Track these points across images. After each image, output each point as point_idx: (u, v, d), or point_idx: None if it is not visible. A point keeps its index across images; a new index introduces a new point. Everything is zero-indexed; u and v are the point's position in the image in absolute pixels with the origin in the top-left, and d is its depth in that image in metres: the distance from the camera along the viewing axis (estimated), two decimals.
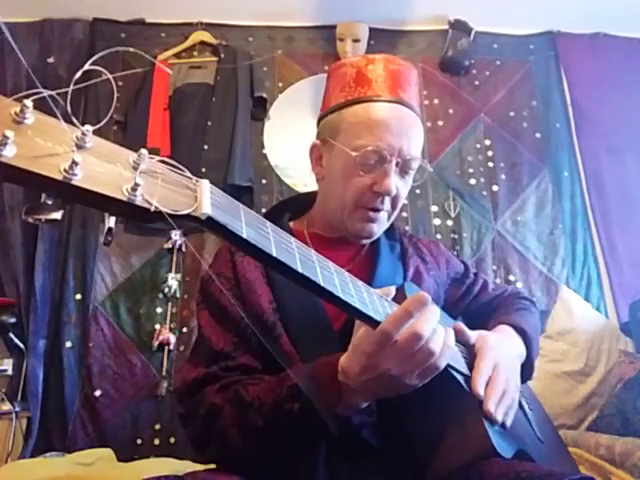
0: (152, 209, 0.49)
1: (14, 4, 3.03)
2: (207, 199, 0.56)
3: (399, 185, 1.13)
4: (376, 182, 1.10)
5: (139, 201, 0.49)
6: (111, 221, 2.65)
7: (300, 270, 0.65)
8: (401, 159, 1.10)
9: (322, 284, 0.68)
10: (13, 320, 2.53)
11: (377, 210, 1.14)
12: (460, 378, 0.94)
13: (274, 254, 0.62)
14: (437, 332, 0.78)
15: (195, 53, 3.21)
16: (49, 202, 0.43)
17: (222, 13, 3.25)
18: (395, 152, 1.09)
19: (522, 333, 1.16)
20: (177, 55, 3.17)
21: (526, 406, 1.19)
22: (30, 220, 2.54)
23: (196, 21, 3.25)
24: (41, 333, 2.58)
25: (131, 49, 0.67)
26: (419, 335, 0.75)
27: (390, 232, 1.33)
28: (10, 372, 2.51)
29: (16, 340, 2.53)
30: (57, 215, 2.52)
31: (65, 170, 0.43)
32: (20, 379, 2.51)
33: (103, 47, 3.04)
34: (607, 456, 1.91)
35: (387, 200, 1.13)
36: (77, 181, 0.44)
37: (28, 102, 0.43)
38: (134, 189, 0.48)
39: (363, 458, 0.98)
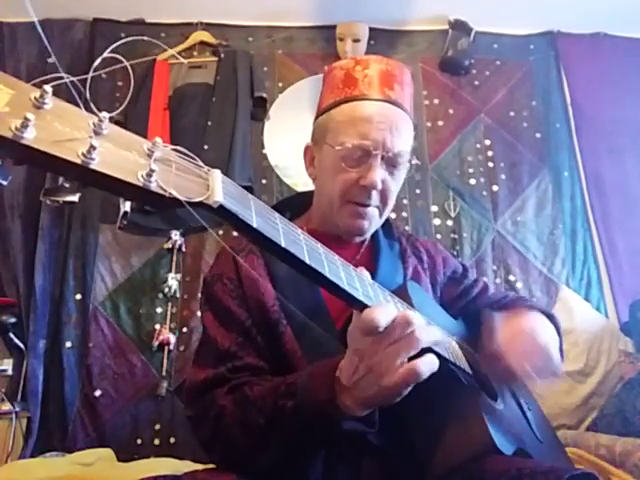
0: (167, 195, 0.50)
1: (14, 4, 3.02)
2: (219, 188, 0.57)
3: (387, 179, 1.14)
4: (362, 176, 1.11)
5: (154, 187, 0.49)
6: (126, 205, 2.64)
7: (308, 261, 0.66)
8: (386, 153, 1.11)
9: (328, 276, 0.68)
10: (13, 320, 2.53)
11: (365, 205, 1.15)
12: (461, 375, 0.94)
13: (283, 244, 0.63)
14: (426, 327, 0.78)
15: (195, 53, 3.21)
16: (66, 185, 0.43)
17: (222, 13, 3.25)
18: (379, 146, 1.10)
19: (550, 317, 1.16)
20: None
21: (525, 406, 1.20)
22: (48, 202, 2.54)
23: (196, 21, 3.25)
24: (41, 333, 2.57)
25: (145, 37, 0.67)
26: (409, 321, 0.73)
27: (388, 231, 1.35)
28: (10, 372, 2.50)
29: (16, 340, 2.52)
30: (74, 197, 2.53)
31: (83, 154, 0.44)
32: (20, 379, 2.51)
33: (103, 47, 3.05)
34: (607, 456, 1.91)
35: (374, 194, 1.14)
36: (95, 165, 0.45)
37: (48, 87, 0.44)
38: (149, 175, 0.49)
39: (363, 457, 0.98)
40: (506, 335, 1.07)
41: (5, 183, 2.27)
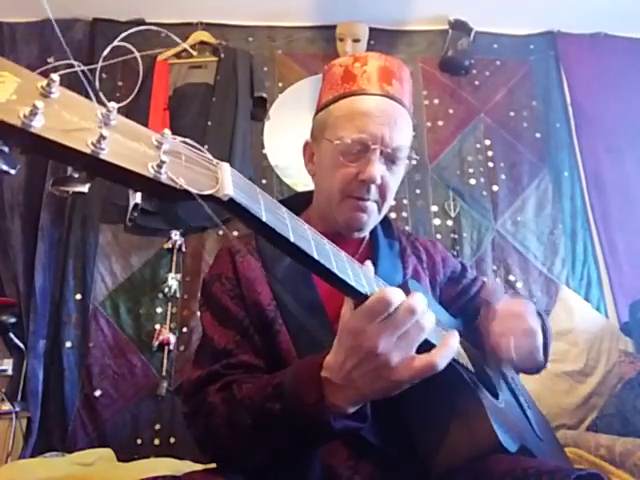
0: (179, 187, 0.49)
1: (14, 4, 3.02)
2: (229, 180, 0.56)
3: (385, 174, 1.13)
4: (361, 171, 1.11)
5: (164, 179, 0.49)
6: (137, 197, 2.62)
7: (316, 257, 0.65)
8: (384, 147, 1.11)
9: (336, 272, 0.67)
10: (13, 320, 2.53)
11: (364, 199, 1.14)
12: (464, 372, 0.94)
13: (292, 239, 0.62)
14: (428, 311, 0.75)
15: (195, 53, 3.21)
16: (76, 175, 0.43)
17: (222, 13, 3.25)
18: (378, 140, 1.10)
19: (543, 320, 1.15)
20: (177, 55, 3.16)
21: (524, 404, 1.20)
22: (56, 192, 2.50)
23: (196, 21, 3.25)
24: (41, 333, 2.57)
25: (153, 27, 0.67)
26: (414, 309, 0.71)
27: (388, 230, 1.34)
28: (10, 372, 2.50)
29: (16, 340, 2.52)
30: (84, 188, 2.50)
31: (93, 144, 0.43)
32: (20, 379, 2.51)
33: (103, 47, 3.04)
34: (607, 456, 1.91)
35: (373, 189, 1.13)
36: (105, 155, 0.44)
37: (55, 76, 0.43)
38: (160, 166, 0.48)
39: (361, 456, 0.98)
40: (499, 313, 1.07)
41: (14, 172, 2.25)
